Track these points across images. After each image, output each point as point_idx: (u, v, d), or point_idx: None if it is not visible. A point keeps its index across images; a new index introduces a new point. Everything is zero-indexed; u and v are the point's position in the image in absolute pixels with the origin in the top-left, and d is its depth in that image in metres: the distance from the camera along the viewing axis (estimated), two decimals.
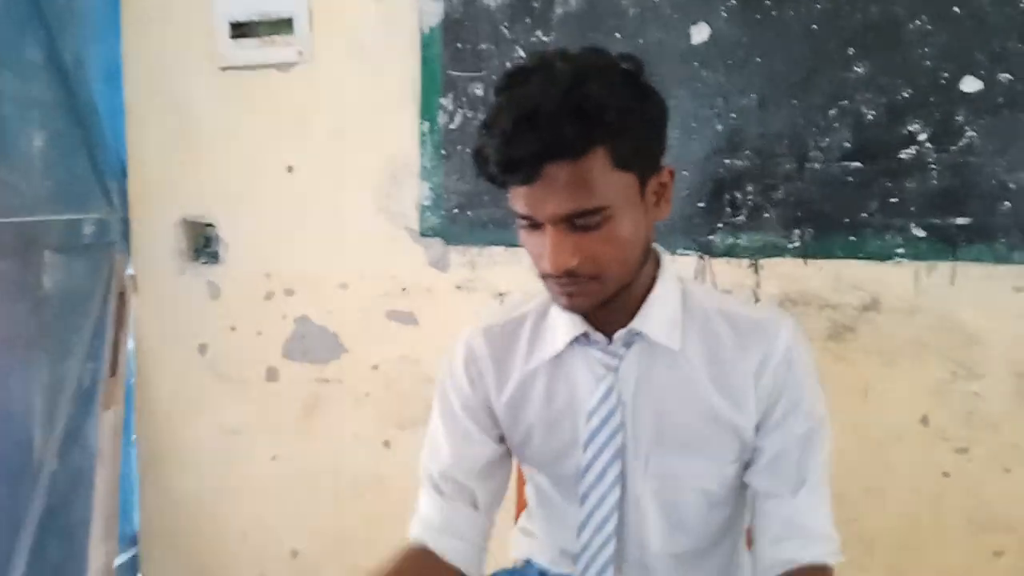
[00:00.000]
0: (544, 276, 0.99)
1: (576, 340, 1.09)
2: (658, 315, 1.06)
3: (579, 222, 0.93)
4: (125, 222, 2.18)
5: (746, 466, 1.11)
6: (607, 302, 1.01)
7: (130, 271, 2.19)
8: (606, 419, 1.08)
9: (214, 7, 2.01)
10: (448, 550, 1.12)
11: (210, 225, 2.11)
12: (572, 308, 1.01)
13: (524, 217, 0.96)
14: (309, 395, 2.05)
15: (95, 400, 2.12)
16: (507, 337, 1.14)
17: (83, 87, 2.06)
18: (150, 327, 2.20)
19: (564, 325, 1.09)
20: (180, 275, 2.14)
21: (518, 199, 0.94)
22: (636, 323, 1.06)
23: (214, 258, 2.11)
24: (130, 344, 2.21)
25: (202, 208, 2.11)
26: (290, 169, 2.00)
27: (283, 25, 1.94)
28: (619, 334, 1.07)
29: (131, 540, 2.27)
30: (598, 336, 1.08)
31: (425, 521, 1.15)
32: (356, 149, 1.93)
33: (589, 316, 1.07)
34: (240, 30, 1.99)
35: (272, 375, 2.08)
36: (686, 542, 1.13)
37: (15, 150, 1.91)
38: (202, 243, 2.13)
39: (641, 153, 0.96)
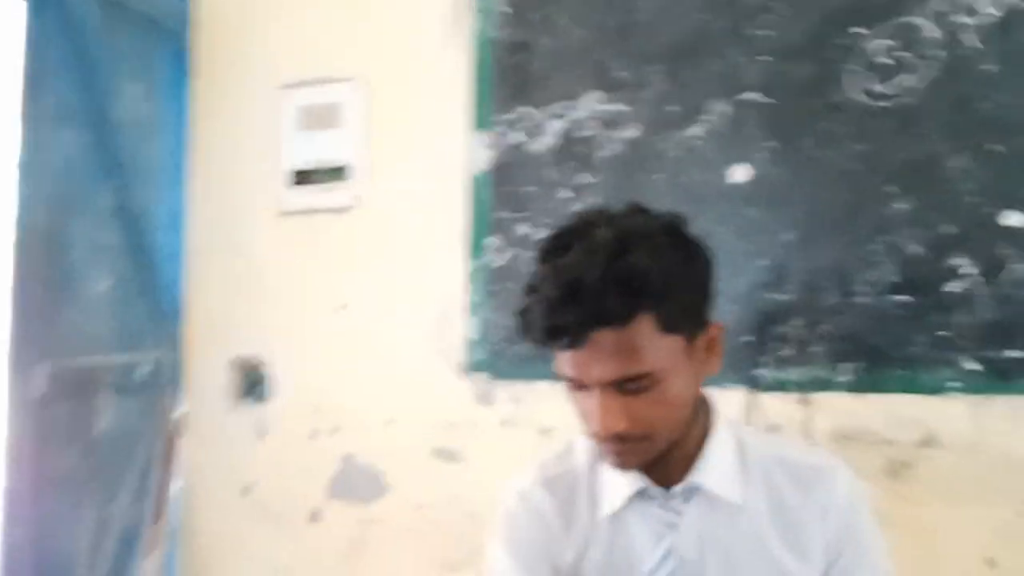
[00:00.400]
0: (593, 438, 0.99)
1: (633, 498, 1.06)
2: (716, 467, 1.04)
3: (627, 386, 0.93)
4: (178, 363, 2.23)
5: None
6: (658, 459, 1.00)
7: (180, 412, 2.22)
8: None
9: (278, 157, 2.12)
10: None
11: (261, 364, 2.15)
12: (622, 467, 1.00)
13: (571, 380, 0.96)
14: (352, 536, 2.02)
15: (138, 542, 2.10)
16: (568, 490, 1.12)
17: (148, 232, 2.16)
18: (197, 467, 2.21)
19: (620, 481, 1.07)
20: (229, 414, 2.17)
21: (564, 362, 0.95)
22: (694, 476, 1.04)
23: (263, 397, 2.14)
24: (177, 484, 2.21)
25: (255, 347, 2.15)
26: (343, 307, 2.05)
27: (340, 172, 2.05)
28: (677, 488, 1.05)
29: None
30: (656, 491, 1.05)
31: None
32: (407, 286, 1.98)
33: (646, 468, 1.04)
34: (300, 177, 2.10)
35: (317, 515, 2.06)
36: None
37: (81, 294, 1.98)
38: (253, 383, 2.16)
39: (688, 314, 0.96)
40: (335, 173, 2.05)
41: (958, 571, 1.47)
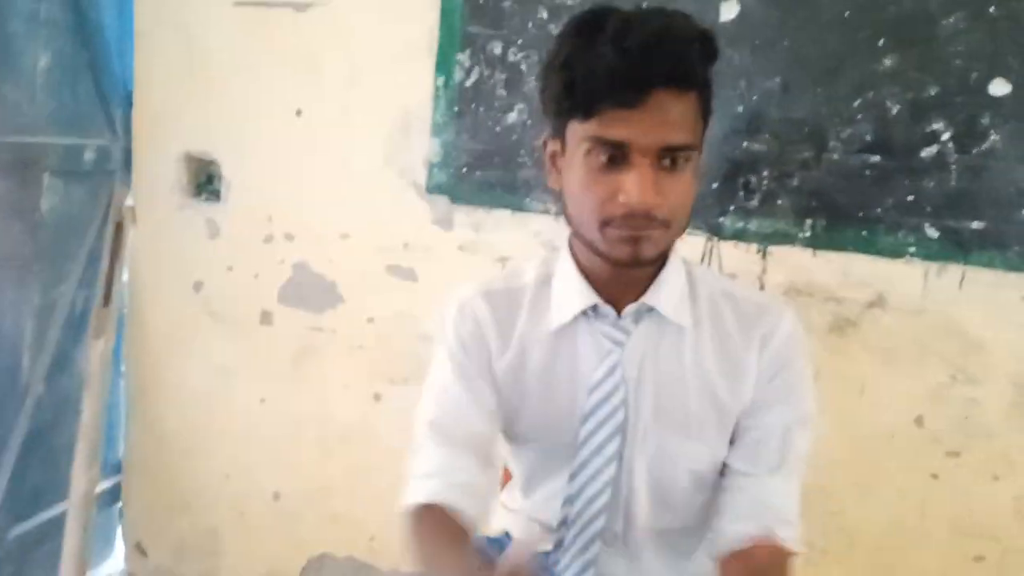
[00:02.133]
0: (608, 220, 0.97)
1: (583, 313, 1.08)
2: (669, 292, 1.07)
3: (666, 161, 0.94)
4: (127, 152, 2.14)
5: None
6: (649, 263, 1.01)
7: (130, 202, 2.16)
8: (609, 394, 1.07)
9: None
10: (465, 508, 1.05)
11: (213, 162, 2.07)
12: (636, 255, 0.98)
13: (615, 145, 0.94)
14: (302, 342, 2.04)
15: (86, 328, 2.10)
16: (509, 302, 1.13)
17: (92, 9, 2.02)
18: (146, 260, 2.18)
19: (573, 296, 1.08)
20: (180, 210, 2.12)
21: (614, 124, 0.93)
22: (648, 298, 1.06)
23: (215, 196, 2.08)
24: (124, 275, 2.19)
25: (206, 144, 2.07)
26: (299, 112, 1.96)
27: None
28: (629, 308, 1.07)
29: (114, 468, 2.27)
30: (607, 309, 1.07)
31: (441, 477, 1.06)
32: (367, 98, 1.89)
33: (600, 288, 1.07)
34: None
35: (266, 319, 2.07)
36: (672, 520, 1.13)
37: (20, 68, 1.87)
38: (204, 180, 2.10)
39: (710, 109, 0.99)
40: None
41: (887, 426, 1.54)
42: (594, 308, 1.08)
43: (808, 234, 1.53)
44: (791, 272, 1.56)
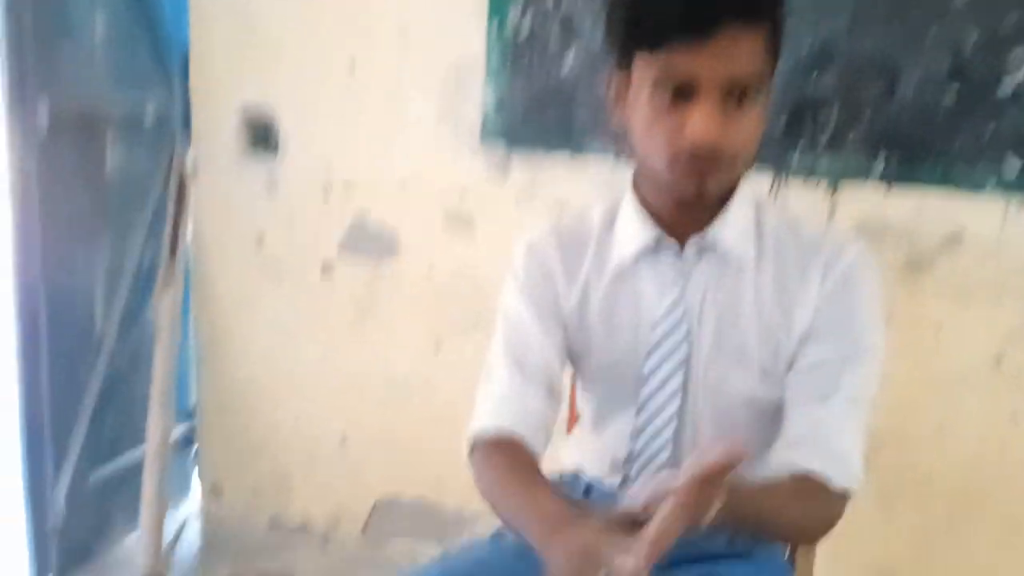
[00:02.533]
0: (674, 157, 0.95)
1: (646, 248, 1.07)
2: (732, 226, 1.05)
3: (734, 97, 0.92)
4: (186, 109, 2.16)
5: None
6: (713, 199, 1.00)
7: (190, 158, 2.18)
8: (672, 329, 1.06)
9: None
10: (531, 439, 1.08)
11: (270, 117, 2.08)
12: (700, 192, 0.97)
13: (681, 82, 0.92)
14: (363, 291, 2.06)
15: (154, 280, 2.14)
16: (576, 243, 1.13)
17: None
18: (208, 215, 2.21)
19: (636, 231, 1.07)
20: (239, 165, 2.13)
21: (682, 60, 0.91)
22: (712, 230, 1.04)
23: (274, 150, 2.09)
24: (189, 230, 2.22)
25: (263, 100, 2.07)
26: (353, 64, 1.95)
27: None
28: (692, 242, 1.05)
29: (187, 414, 2.34)
30: (670, 243, 1.06)
31: (512, 403, 1.09)
32: (421, 48, 1.88)
33: (663, 223, 1.06)
34: None
35: (327, 269, 2.09)
36: None
37: (79, 31, 1.89)
38: (262, 135, 2.10)
39: (779, 45, 0.96)
40: None
41: (964, 367, 1.50)
42: (657, 242, 1.07)
43: (881, 169, 1.47)
44: (862, 210, 1.51)
